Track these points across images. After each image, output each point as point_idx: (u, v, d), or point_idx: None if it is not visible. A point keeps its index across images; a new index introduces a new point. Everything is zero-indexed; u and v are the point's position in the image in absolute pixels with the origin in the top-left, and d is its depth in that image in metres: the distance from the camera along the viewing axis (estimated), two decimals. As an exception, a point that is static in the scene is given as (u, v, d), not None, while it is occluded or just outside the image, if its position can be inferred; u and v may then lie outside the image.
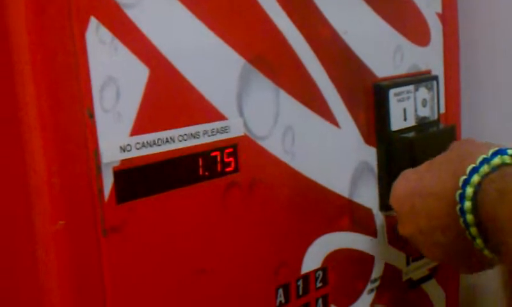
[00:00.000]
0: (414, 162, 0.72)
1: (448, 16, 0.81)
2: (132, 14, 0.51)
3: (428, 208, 0.60)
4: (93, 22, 0.49)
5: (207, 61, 0.57)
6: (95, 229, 0.51)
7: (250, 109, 0.61)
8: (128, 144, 0.53)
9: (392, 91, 0.72)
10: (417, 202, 0.61)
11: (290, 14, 0.63)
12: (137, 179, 0.54)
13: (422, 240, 0.62)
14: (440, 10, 0.80)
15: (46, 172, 0.49)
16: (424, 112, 0.77)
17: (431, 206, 0.60)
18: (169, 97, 0.55)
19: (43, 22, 0.47)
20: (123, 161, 0.52)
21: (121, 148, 0.52)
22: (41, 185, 0.49)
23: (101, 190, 0.51)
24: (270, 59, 0.62)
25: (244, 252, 0.62)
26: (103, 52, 0.50)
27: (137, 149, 0.53)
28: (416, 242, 0.64)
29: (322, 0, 0.66)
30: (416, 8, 0.77)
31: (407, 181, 0.64)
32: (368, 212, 0.74)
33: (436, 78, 0.78)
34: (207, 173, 0.58)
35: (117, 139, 0.52)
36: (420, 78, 0.76)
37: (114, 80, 0.51)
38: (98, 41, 0.50)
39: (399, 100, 0.73)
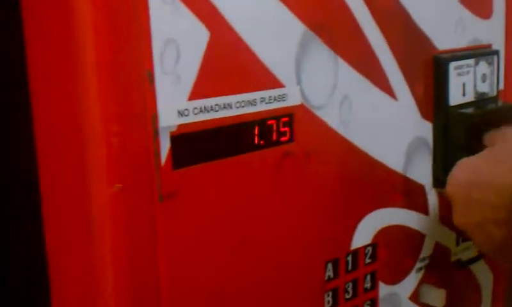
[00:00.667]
0: (471, 139, 0.70)
1: (512, -12, 0.77)
2: (195, -26, 0.50)
3: (486, 201, 0.58)
4: (156, -20, 0.48)
5: (268, 26, 0.55)
6: (151, 194, 0.50)
7: (308, 77, 0.59)
8: (186, 109, 0.51)
9: (452, 64, 0.70)
10: (475, 193, 0.60)
11: (354, -20, 0.60)
12: (194, 145, 0.52)
13: (476, 232, 0.60)
14: (504, -19, 0.76)
15: (104, 134, 0.48)
16: (483, 87, 0.74)
17: (489, 199, 0.58)
18: (228, 62, 0.53)
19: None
20: (180, 126, 0.51)
21: (179, 112, 0.51)
22: (99, 147, 0.48)
23: (158, 155, 0.50)
24: (330, 27, 0.60)
25: (296, 224, 0.61)
26: (165, 13, 0.49)
27: (195, 114, 0.52)
28: (469, 233, 0.62)
29: (386, -34, 0.63)
30: (480, -22, 0.74)
31: (466, 169, 0.62)
32: (421, 188, 0.72)
33: (497, 53, 0.75)
34: (262, 142, 0.57)
35: (175, 102, 0.51)
36: (481, 52, 0.73)
37: (175, 42, 0.50)
38: (160, 1, 0.48)
39: (459, 74, 0.71)
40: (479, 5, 0.74)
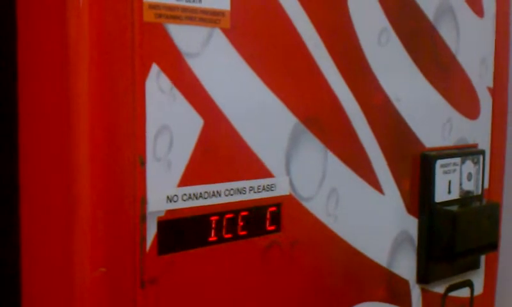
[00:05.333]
0: (455, 237, 0.71)
1: (499, 92, 0.80)
2: (193, 64, 0.51)
3: None
4: (155, 69, 0.49)
5: (261, 117, 0.56)
6: (134, 279, 0.49)
7: (297, 168, 0.60)
8: (175, 195, 0.51)
9: (438, 162, 0.71)
10: None
11: (347, 78, 0.62)
12: (180, 231, 0.52)
13: None
14: (491, 85, 0.79)
15: (91, 216, 0.47)
16: (469, 186, 0.75)
17: None
18: (219, 150, 0.54)
19: (105, 65, 0.47)
20: (168, 211, 0.51)
21: (168, 198, 0.51)
22: (85, 229, 0.47)
23: (143, 240, 0.50)
24: (322, 120, 0.61)
25: (278, 314, 0.60)
26: (161, 100, 0.49)
27: (184, 200, 0.52)
28: None
29: (379, 66, 0.65)
30: (469, 81, 0.76)
31: None
32: (405, 283, 0.71)
33: (483, 152, 0.76)
34: (249, 231, 0.57)
35: (165, 188, 0.51)
36: (467, 152, 0.75)
37: (169, 129, 0.50)
38: (158, 89, 0.49)
39: (445, 172, 0.72)
40: (467, 106, 0.76)
